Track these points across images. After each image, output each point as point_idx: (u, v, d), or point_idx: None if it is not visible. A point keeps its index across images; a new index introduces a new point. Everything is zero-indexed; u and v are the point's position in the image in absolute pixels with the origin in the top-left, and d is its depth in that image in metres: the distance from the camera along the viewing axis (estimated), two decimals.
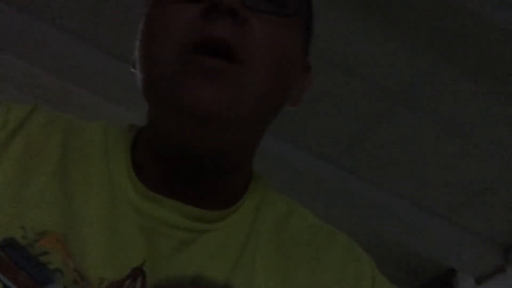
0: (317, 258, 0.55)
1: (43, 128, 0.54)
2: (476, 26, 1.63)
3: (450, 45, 1.72)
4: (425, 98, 1.92)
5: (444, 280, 2.80)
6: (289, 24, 0.51)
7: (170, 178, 0.53)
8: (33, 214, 0.46)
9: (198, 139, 0.49)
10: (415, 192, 2.33)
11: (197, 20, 0.47)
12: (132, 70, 0.55)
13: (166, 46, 0.48)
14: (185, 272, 0.48)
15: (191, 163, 0.52)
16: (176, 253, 0.49)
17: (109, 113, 2.29)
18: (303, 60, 0.57)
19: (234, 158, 0.54)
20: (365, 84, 1.92)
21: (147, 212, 0.50)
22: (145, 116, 0.56)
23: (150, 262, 0.47)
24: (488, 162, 2.09)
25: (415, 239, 2.47)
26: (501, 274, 2.45)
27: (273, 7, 0.50)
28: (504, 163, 2.07)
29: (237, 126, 0.49)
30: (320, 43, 1.79)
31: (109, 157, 0.53)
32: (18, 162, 0.49)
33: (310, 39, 0.58)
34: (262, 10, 0.49)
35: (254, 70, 0.48)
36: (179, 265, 0.48)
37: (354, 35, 1.78)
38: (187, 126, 0.48)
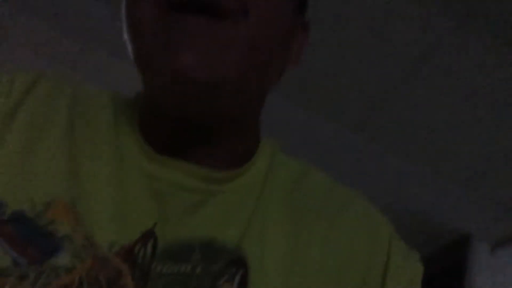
0: (331, 221, 0.54)
1: (49, 96, 0.53)
2: None
3: (472, 12, 1.67)
4: (446, 64, 1.88)
5: (459, 246, 2.81)
6: None
7: (175, 140, 0.52)
8: (40, 185, 0.46)
9: (186, 103, 0.47)
10: (432, 159, 2.31)
11: None
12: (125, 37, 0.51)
13: (143, 4, 0.45)
14: (196, 235, 0.48)
15: (189, 126, 0.51)
16: (187, 216, 0.49)
17: (124, 73, 2.29)
18: (299, 18, 0.54)
19: (235, 121, 0.52)
20: (384, 49, 1.88)
21: (156, 175, 0.50)
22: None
23: (161, 225, 0.47)
24: (507, 131, 2.05)
25: (432, 205, 2.47)
26: None
27: None
28: None
29: (226, 89, 0.45)
30: (337, 6, 1.75)
31: (118, 123, 0.53)
32: (25, 132, 0.49)
33: None
34: None
35: (247, 26, 0.44)
36: (190, 228, 0.48)
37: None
38: (173, 91, 0.45)
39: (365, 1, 1.76)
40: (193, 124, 0.50)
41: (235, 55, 0.44)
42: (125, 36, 0.49)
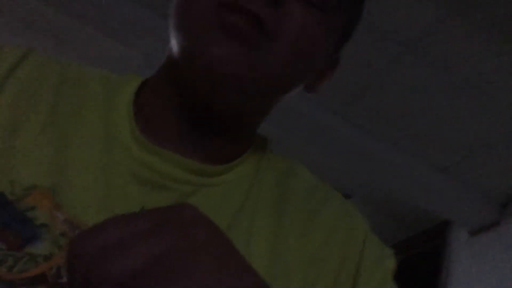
0: (311, 217, 0.55)
1: (36, 73, 0.51)
2: None
3: (461, 0, 1.68)
4: (433, 51, 1.89)
5: (438, 231, 2.86)
6: (326, 20, 0.50)
7: (175, 130, 0.52)
8: (22, 168, 0.45)
9: (210, 91, 0.49)
10: (415, 144, 2.34)
11: None
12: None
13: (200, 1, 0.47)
14: None
15: (200, 116, 0.51)
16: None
17: (113, 52, 2.27)
18: (331, 55, 0.56)
19: (243, 121, 0.54)
20: (373, 35, 1.89)
21: (146, 163, 0.49)
22: (161, 62, 0.54)
23: None
24: (490, 119, 2.08)
25: (413, 191, 2.50)
26: (495, 229, 2.50)
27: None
28: (506, 121, 2.06)
29: (248, 89, 0.48)
30: None
31: (109, 106, 0.52)
32: (9, 111, 0.47)
33: (348, 39, 0.57)
34: None
35: (278, 49, 0.47)
36: None
37: None
38: (202, 76, 0.47)
39: None
40: (201, 117, 0.51)
41: (266, 63, 0.47)
42: (171, 21, 0.51)
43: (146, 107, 0.53)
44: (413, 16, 1.79)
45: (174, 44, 0.50)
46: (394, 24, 1.84)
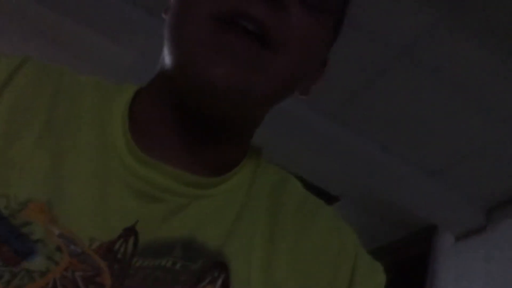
0: (302, 229, 0.55)
1: (32, 83, 0.51)
2: None
3: (456, 5, 1.68)
4: (426, 56, 1.90)
5: (425, 235, 2.88)
6: (325, 20, 0.50)
7: (171, 141, 0.51)
8: (17, 181, 0.45)
9: (207, 107, 0.49)
10: (405, 148, 2.35)
11: None
12: (163, 16, 0.53)
13: (196, 12, 0.46)
14: (177, 234, 0.48)
15: (196, 127, 0.51)
16: (170, 217, 0.49)
17: (108, 53, 2.26)
18: (325, 56, 0.57)
19: (238, 130, 0.54)
20: (367, 39, 1.90)
21: (141, 175, 0.49)
22: (157, 70, 0.53)
23: (143, 224, 0.47)
24: (480, 125, 2.10)
25: (401, 194, 2.52)
26: (481, 234, 2.52)
27: (316, 1, 0.48)
28: (495, 126, 2.08)
29: (250, 105, 0.49)
30: None
31: (104, 117, 0.51)
32: (5, 121, 0.47)
33: (337, 38, 0.57)
34: (304, 0, 0.48)
35: (282, 59, 0.47)
36: (172, 228, 0.48)
37: None
38: (200, 93, 0.47)
39: None
40: (196, 128, 0.51)
41: (268, 78, 0.47)
42: (166, 36, 0.50)
43: (141, 118, 0.52)
44: (407, 21, 1.80)
45: (169, 58, 0.49)
46: (388, 28, 1.85)
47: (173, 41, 0.49)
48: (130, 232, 0.46)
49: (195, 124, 0.51)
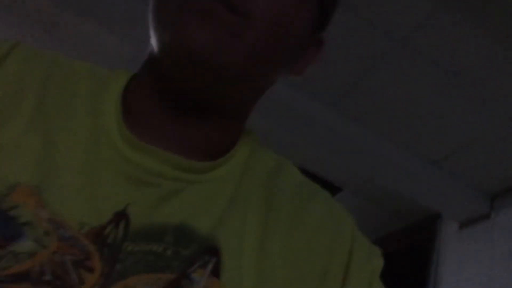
0: (297, 214, 0.54)
1: (23, 67, 0.50)
2: None
3: None
4: (425, 45, 1.88)
5: (429, 223, 2.88)
6: None
7: (163, 125, 0.51)
8: (6, 165, 0.44)
9: (191, 79, 0.48)
10: (407, 137, 2.34)
11: None
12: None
13: None
14: (170, 219, 0.47)
15: (185, 107, 0.51)
16: (162, 201, 0.48)
17: (104, 43, 2.25)
18: (313, 35, 0.56)
19: (228, 109, 0.53)
20: (366, 27, 1.88)
21: (134, 160, 0.49)
22: (146, 55, 0.53)
23: (135, 209, 0.46)
24: (481, 113, 2.09)
25: (404, 183, 2.51)
26: (485, 221, 2.52)
27: None
28: (496, 115, 2.07)
29: (230, 72, 0.48)
30: None
31: (97, 102, 0.51)
32: None
33: (327, 17, 0.57)
34: None
35: (254, 26, 0.47)
36: (164, 213, 0.48)
37: None
38: (182, 64, 0.47)
39: None
40: (186, 108, 0.50)
41: (243, 44, 0.47)
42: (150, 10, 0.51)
43: (133, 104, 0.52)
44: (406, 10, 1.78)
45: (153, 38, 0.50)
46: (387, 17, 1.83)
47: (153, 20, 0.49)
48: (121, 216, 0.46)
49: (182, 104, 0.51)
